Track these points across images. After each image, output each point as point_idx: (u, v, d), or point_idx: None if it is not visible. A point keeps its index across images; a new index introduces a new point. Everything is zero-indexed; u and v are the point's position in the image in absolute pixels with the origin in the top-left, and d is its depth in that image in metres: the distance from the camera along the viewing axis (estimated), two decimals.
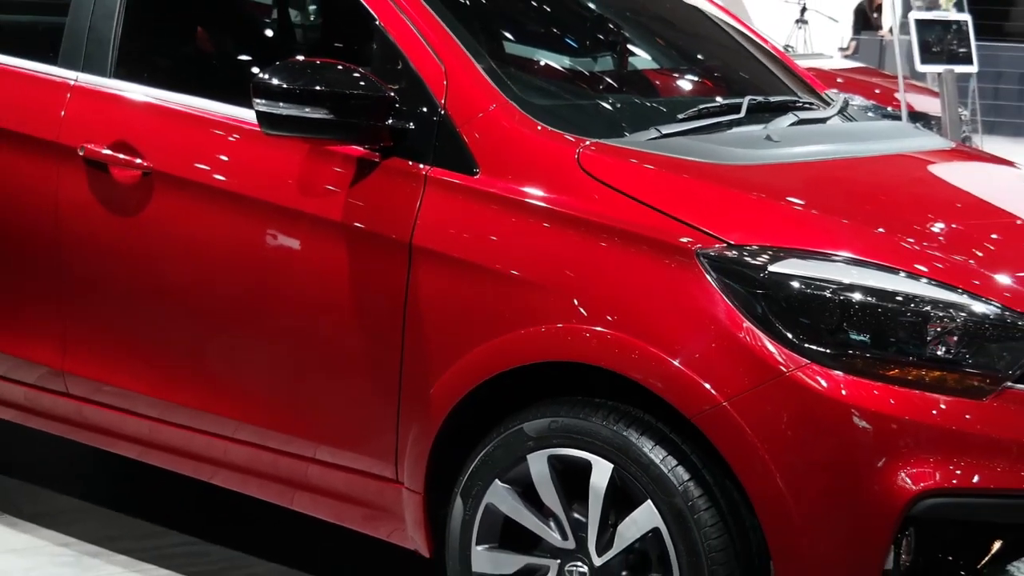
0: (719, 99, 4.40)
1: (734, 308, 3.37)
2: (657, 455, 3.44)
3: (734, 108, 4.15)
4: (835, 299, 3.33)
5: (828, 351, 3.31)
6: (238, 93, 4.05)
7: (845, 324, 3.32)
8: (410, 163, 3.80)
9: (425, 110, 3.82)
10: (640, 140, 3.84)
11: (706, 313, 3.39)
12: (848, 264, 3.39)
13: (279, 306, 4.00)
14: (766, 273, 3.38)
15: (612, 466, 3.48)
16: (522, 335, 3.58)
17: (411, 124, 3.82)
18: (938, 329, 3.33)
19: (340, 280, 3.88)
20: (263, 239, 4.01)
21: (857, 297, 3.34)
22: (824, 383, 3.29)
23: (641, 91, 4.67)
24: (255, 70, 3.92)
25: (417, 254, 3.74)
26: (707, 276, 3.40)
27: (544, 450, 3.58)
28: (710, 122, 4.05)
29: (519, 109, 3.80)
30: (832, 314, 3.33)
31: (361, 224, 3.84)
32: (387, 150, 3.83)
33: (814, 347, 3.31)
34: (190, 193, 4.12)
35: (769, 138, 4.03)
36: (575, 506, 3.58)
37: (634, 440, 3.46)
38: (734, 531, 3.41)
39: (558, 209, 3.61)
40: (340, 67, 3.80)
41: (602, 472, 3.49)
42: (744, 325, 3.35)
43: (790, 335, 3.32)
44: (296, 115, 3.76)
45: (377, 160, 3.84)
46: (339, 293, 3.88)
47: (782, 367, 3.31)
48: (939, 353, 3.33)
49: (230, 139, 4.13)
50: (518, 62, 4.42)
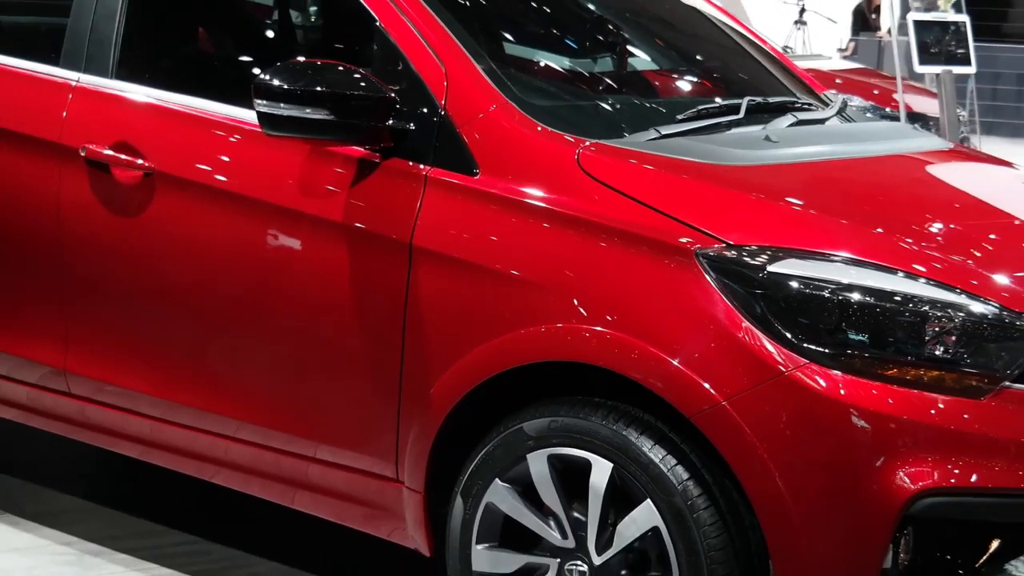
0: (718, 100, 4.41)
1: (733, 308, 3.38)
2: (656, 454, 3.45)
3: (733, 109, 4.15)
4: (834, 299, 3.34)
5: (827, 351, 3.32)
6: (239, 94, 4.05)
7: (844, 324, 3.33)
8: (410, 164, 3.81)
9: (425, 111, 3.83)
10: (639, 141, 3.85)
11: (705, 313, 3.40)
12: (847, 264, 3.40)
13: (280, 306, 4.00)
14: (765, 273, 3.39)
15: (612, 465, 3.49)
16: (522, 335, 3.59)
17: (411, 125, 3.83)
18: (936, 329, 3.34)
19: (341, 280, 3.88)
20: (264, 239, 4.02)
21: (856, 297, 3.35)
22: (823, 383, 3.30)
23: (640, 92, 4.67)
24: (256, 71, 3.93)
25: (417, 254, 3.75)
26: (706, 276, 3.41)
27: (544, 449, 3.58)
28: (709, 123, 4.05)
29: (519, 110, 3.80)
30: (831, 314, 3.34)
31: (362, 224, 3.85)
32: (387, 151, 3.84)
33: (813, 347, 3.32)
34: (191, 194, 4.13)
35: (768, 139, 4.03)
36: (575, 505, 3.58)
37: (633, 439, 3.47)
38: (733, 530, 3.42)
39: (558, 209, 3.62)
40: (341, 68, 3.80)
41: (602, 471, 3.50)
42: (743, 325, 3.36)
43: (789, 335, 3.33)
44: (297, 116, 3.76)
45: (377, 161, 3.85)
46: (340, 293, 3.89)
47: (781, 367, 3.32)
48: (937, 353, 3.33)
49: (231, 140, 4.14)
50: (518, 63, 4.43)
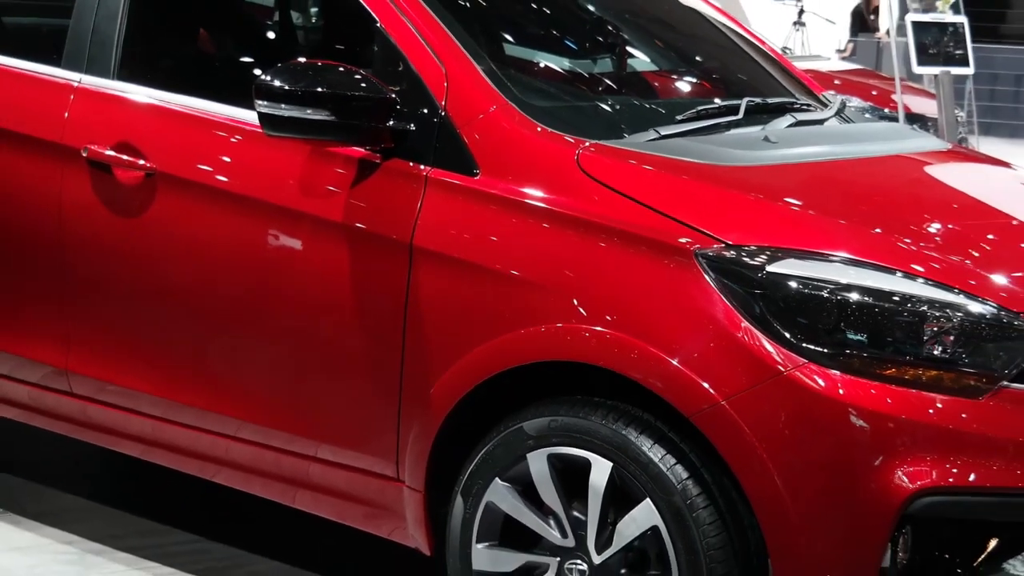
0: (717, 101, 4.41)
1: (732, 308, 3.39)
2: (656, 454, 3.46)
3: (732, 109, 4.16)
4: (832, 299, 3.35)
5: (825, 351, 3.33)
6: (240, 95, 4.06)
7: (842, 324, 3.34)
8: (411, 164, 3.82)
9: (425, 111, 3.84)
10: (639, 141, 3.86)
11: (705, 313, 3.41)
12: (845, 264, 3.40)
13: (281, 306, 4.01)
14: (764, 273, 3.39)
15: (611, 464, 3.50)
16: (522, 335, 3.60)
17: (412, 125, 3.84)
18: (935, 329, 3.35)
19: (341, 280, 3.89)
20: (265, 240, 4.03)
21: (854, 297, 3.36)
22: (821, 382, 3.31)
23: (640, 93, 4.67)
24: (257, 72, 3.93)
25: (418, 254, 3.76)
26: (705, 276, 3.42)
27: (544, 449, 3.59)
28: (708, 123, 4.06)
29: (519, 111, 3.81)
30: (829, 314, 3.34)
31: (362, 225, 3.86)
32: (388, 151, 3.85)
33: (812, 347, 3.33)
34: (193, 194, 4.14)
35: (767, 139, 4.04)
36: (575, 504, 3.59)
37: (633, 439, 3.48)
38: (732, 529, 3.42)
39: (558, 210, 3.62)
40: (341, 69, 3.81)
41: (601, 470, 3.51)
42: (742, 325, 3.37)
43: (788, 335, 3.34)
44: (298, 116, 3.77)
45: (378, 161, 3.86)
46: (340, 293, 3.89)
47: (780, 366, 3.33)
48: (936, 352, 3.34)
49: (232, 140, 4.15)
50: (518, 64, 4.43)
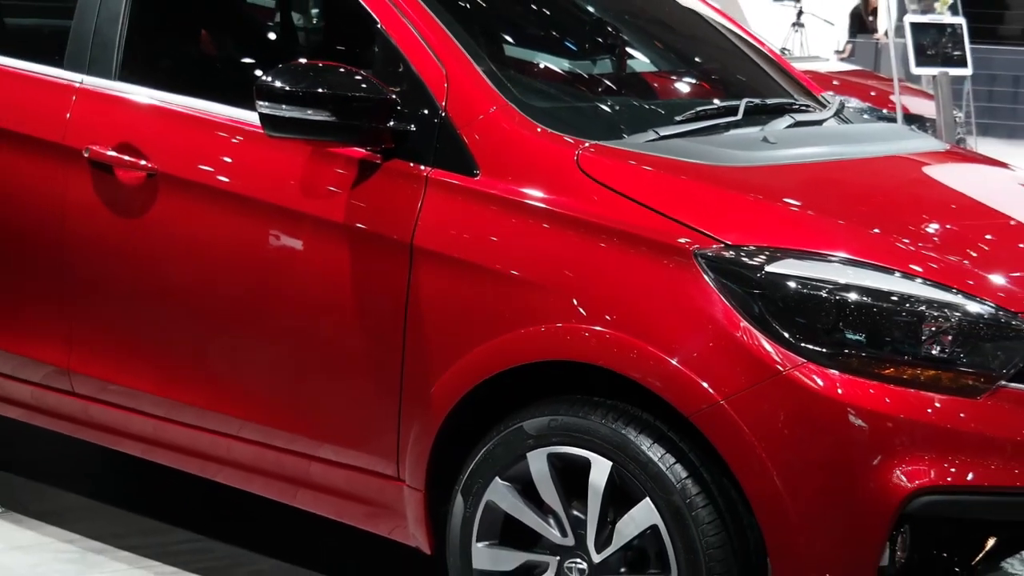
0: (716, 101, 4.42)
1: (731, 308, 3.40)
2: (655, 453, 3.46)
3: (731, 110, 4.17)
4: (831, 299, 3.36)
5: (824, 350, 3.34)
6: (241, 95, 4.07)
7: (841, 324, 3.35)
8: (411, 165, 3.83)
9: (426, 112, 3.85)
10: (638, 142, 3.87)
11: (704, 313, 3.42)
12: (844, 264, 3.41)
13: (282, 306, 4.02)
14: (763, 273, 3.40)
15: (611, 464, 3.50)
16: (522, 335, 3.61)
17: (412, 126, 3.85)
18: (933, 328, 3.35)
19: (342, 280, 3.90)
20: (266, 240, 4.04)
21: (853, 297, 3.37)
22: (820, 382, 3.31)
23: (639, 93, 4.67)
24: (258, 73, 3.94)
25: (418, 255, 3.77)
26: (705, 276, 3.43)
27: (544, 448, 3.60)
28: (707, 124, 4.07)
29: (519, 111, 3.82)
30: (828, 314, 3.35)
31: (363, 225, 3.87)
32: (388, 152, 3.86)
33: (810, 346, 3.34)
34: (194, 194, 4.15)
35: (766, 140, 4.05)
36: (574, 503, 3.60)
37: (632, 438, 3.48)
38: (732, 528, 3.43)
39: (557, 210, 3.63)
40: (342, 70, 3.82)
41: (601, 470, 3.52)
42: (741, 325, 3.38)
43: (787, 334, 3.35)
44: (298, 117, 3.78)
45: (378, 162, 3.87)
46: (341, 293, 3.90)
47: (779, 366, 3.34)
48: (934, 352, 3.35)
49: (233, 141, 4.16)
50: (518, 65, 4.44)
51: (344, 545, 4.65)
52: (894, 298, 3.37)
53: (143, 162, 4.22)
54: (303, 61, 4.06)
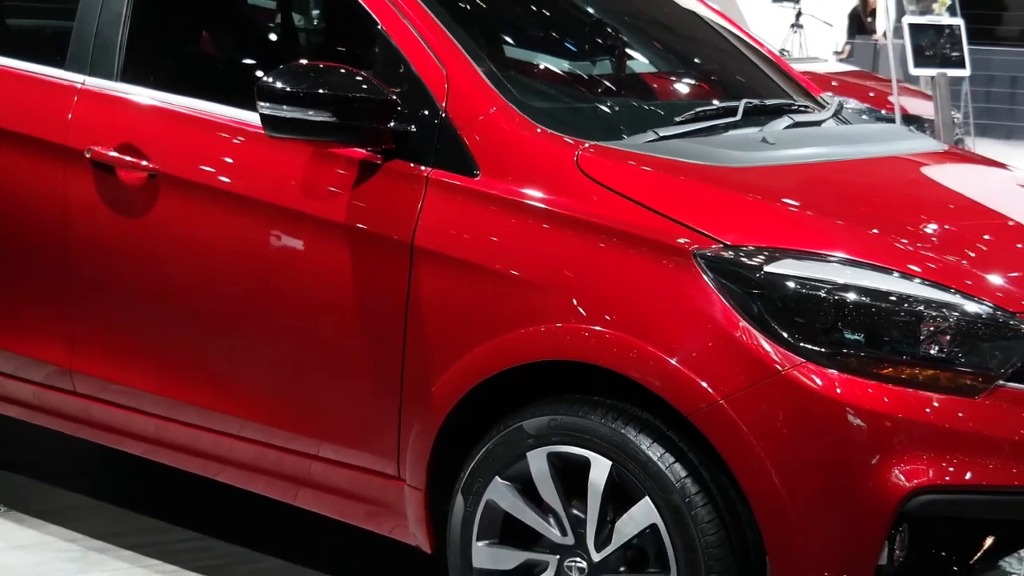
0: (715, 102, 4.42)
1: (731, 308, 3.41)
2: (655, 452, 3.47)
3: (730, 111, 4.17)
4: (830, 299, 3.37)
5: (823, 350, 3.34)
6: (242, 96, 4.08)
7: (840, 323, 3.36)
8: (411, 165, 3.84)
9: (426, 113, 3.86)
10: (638, 143, 3.87)
11: (703, 313, 3.43)
12: (843, 264, 3.42)
13: (283, 306, 4.03)
14: (762, 273, 3.41)
15: (610, 463, 3.51)
16: (522, 335, 3.62)
17: (412, 127, 3.85)
18: (931, 328, 3.36)
19: (343, 281, 3.91)
20: (267, 240, 4.05)
21: (851, 297, 3.37)
22: (819, 382, 3.32)
23: (639, 94, 4.68)
24: (259, 73, 3.95)
25: (418, 255, 3.78)
26: (704, 276, 3.44)
27: (544, 447, 3.61)
28: (707, 125, 4.08)
29: (519, 112, 3.83)
30: (827, 314, 3.36)
31: (363, 225, 3.88)
32: (389, 152, 3.86)
33: (809, 346, 3.35)
34: (195, 195, 4.15)
35: (765, 140, 4.06)
36: (574, 503, 3.61)
37: (632, 437, 3.49)
38: (731, 527, 3.44)
39: (557, 210, 3.64)
40: (343, 71, 3.82)
41: (601, 469, 3.53)
42: (740, 324, 3.39)
43: (786, 334, 3.36)
44: (299, 118, 3.79)
45: (379, 162, 3.88)
46: (342, 293, 3.91)
47: (778, 366, 3.34)
48: (932, 352, 3.36)
49: (235, 142, 4.17)
50: (518, 66, 4.44)
51: (345, 544, 4.65)
52: (892, 298, 3.38)
53: (144, 162, 4.23)
54: (304, 62, 4.05)
